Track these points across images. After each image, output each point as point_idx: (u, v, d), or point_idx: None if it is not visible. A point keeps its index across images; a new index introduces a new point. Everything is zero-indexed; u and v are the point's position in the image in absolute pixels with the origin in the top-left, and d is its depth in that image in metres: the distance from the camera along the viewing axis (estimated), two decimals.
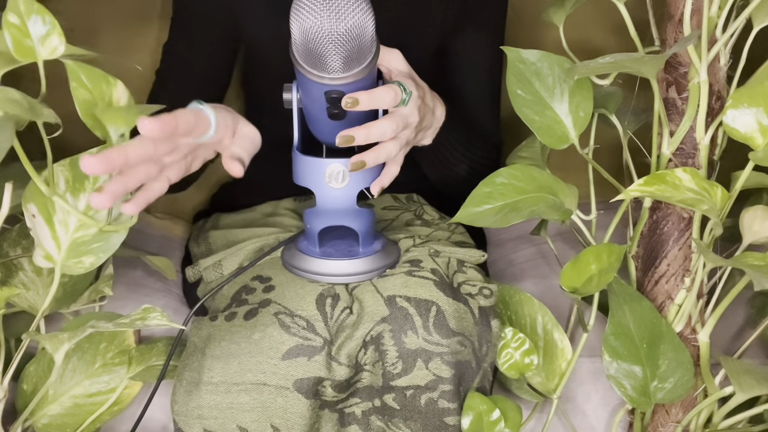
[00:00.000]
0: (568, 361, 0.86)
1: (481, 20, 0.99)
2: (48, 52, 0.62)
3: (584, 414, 0.91)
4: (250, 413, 0.77)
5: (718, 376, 0.84)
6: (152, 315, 0.67)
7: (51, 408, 0.82)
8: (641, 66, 0.73)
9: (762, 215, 0.80)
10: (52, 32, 0.61)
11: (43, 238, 0.70)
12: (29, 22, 0.60)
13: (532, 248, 1.13)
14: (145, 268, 1.02)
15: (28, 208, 0.70)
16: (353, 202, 0.80)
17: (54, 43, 0.61)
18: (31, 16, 0.60)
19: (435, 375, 0.78)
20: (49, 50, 0.62)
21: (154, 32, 1.03)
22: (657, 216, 0.84)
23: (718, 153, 0.83)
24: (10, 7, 0.59)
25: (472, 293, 0.83)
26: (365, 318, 0.78)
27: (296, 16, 0.68)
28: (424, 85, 0.82)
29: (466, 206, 0.81)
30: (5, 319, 0.80)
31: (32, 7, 0.60)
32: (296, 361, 0.76)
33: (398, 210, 1.04)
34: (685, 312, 0.84)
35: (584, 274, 0.79)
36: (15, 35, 0.60)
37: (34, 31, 0.61)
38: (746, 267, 0.71)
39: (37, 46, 0.61)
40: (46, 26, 0.61)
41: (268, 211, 1.04)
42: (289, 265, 0.85)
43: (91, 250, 0.70)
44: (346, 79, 0.71)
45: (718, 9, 0.76)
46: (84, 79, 0.61)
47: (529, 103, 0.81)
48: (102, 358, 0.84)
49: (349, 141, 0.73)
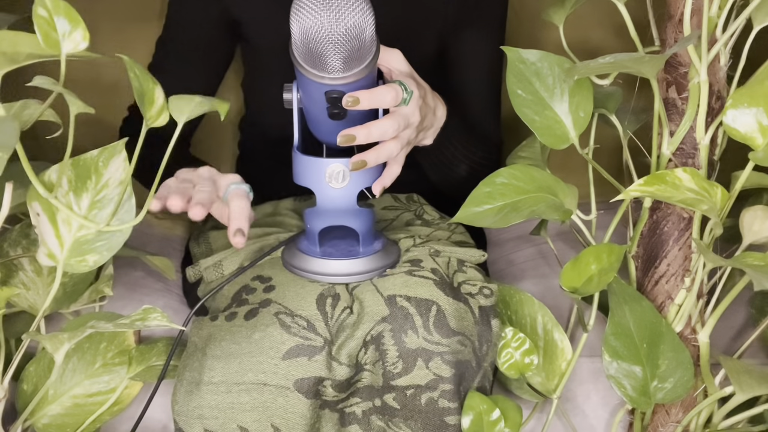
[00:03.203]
0: (568, 361, 0.86)
1: (481, 20, 0.99)
2: (72, 46, 0.65)
3: (584, 414, 0.91)
4: (251, 413, 0.77)
5: (718, 376, 0.84)
6: (152, 315, 0.67)
7: (51, 408, 0.82)
8: (641, 66, 0.73)
9: (762, 215, 0.80)
10: (75, 28, 0.65)
11: (46, 236, 0.70)
12: (56, 18, 0.64)
13: (532, 248, 1.13)
14: (145, 268, 1.02)
15: (32, 207, 0.70)
16: (353, 202, 0.80)
17: (77, 38, 0.65)
18: (59, 13, 0.64)
19: (435, 374, 0.78)
20: (72, 45, 0.65)
21: (153, 32, 1.04)
22: (657, 216, 0.84)
23: (718, 153, 0.83)
24: (39, 2, 0.63)
25: (472, 293, 0.83)
26: (365, 318, 0.78)
27: (296, 16, 0.68)
28: (425, 84, 0.82)
29: (466, 206, 0.81)
30: (5, 319, 0.80)
31: (59, 4, 0.64)
32: (297, 360, 0.76)
33: (398, 210, 1.04)
34: (685, 312, 0.84)
35: (584, 274, 0.79)
36: (43, 28, 0.63)
37: (60, 26, 0.64)
38: (746, 267, 0.71)
39: (61, 40, 0.65)
40: (71, 23, 0.64)
41: (268, 211, 1.04)
42: (289, 265, 0.85)
43: (95, 249, 0.71)
44: (346, 79, 0.71)
45: (718, 9, 0.76)
46: (137, 72, 0.66)
47: (529, 103, 0.81)
48: (102, 358, 0.84)
49: (350, 140, 0.73)
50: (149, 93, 0.66)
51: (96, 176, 0.71)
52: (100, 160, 0.71)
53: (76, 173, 0.71)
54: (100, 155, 0.71)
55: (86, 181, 0.71)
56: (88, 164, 0.71)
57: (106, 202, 0.71)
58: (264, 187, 1.07)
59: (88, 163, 0.71)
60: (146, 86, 0.66)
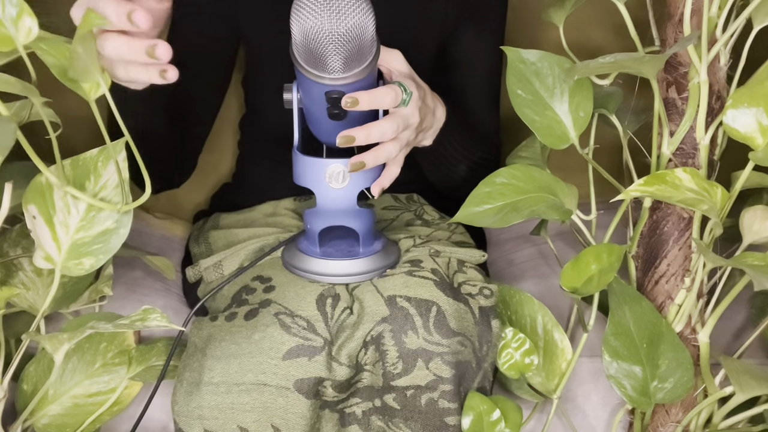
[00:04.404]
0: (568, 361, 0.86)
1: (481, 20, 0.99)
2: (24, 35, 0.58)
3: (584, 414, 0.91)
4: (251, 413, 0.77)
5: (718, 376, 0.84)
6: (152, 316, 0.67)
7: (51, 408, 0.82)
8: (641, 66, 0.73)
9: (762, 215, 0.80)
10: (22, 13, 0.57)
11: (43, 239, 0.70)
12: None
13: (532, 248, 1.13)
14: (144, 268, 1.02)
15: (28, 209, 0.70)
16: (353, 202, 0.80)
17: (27, 24, 0.58)
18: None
19: (435, 375, 0.78)
20: (24, 33, 0.58)
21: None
22: (657, 216, 0.84)
23: (718, 153, 0.83)
24: None
25: (472, 293, 0.83)
26: (365, 318, 0.78)
27: (296, 17, 0.68)
28: (425, 85, 0.82)
29: (466, 206, 0.81)
30: (5, 319, 0.80)
31: None
32: (297, 361, 0.76)
33: (398, 210, 1.04)
34: (685, 312, 0.84)
35: (584, 274, 0.79)
36: None
37: (4, 14, 0.57)
38: (746, 267, 0.71)
39: (11, 31, 0.57)
40: (15, 7, 0.57)
41: (268, 211, 1.04)
42: (289, 265, 0.85)
43: (92, 252, 0.70)
44: (346, 80, 0.71)
45: (718, 9, 0.76)
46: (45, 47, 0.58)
47: (529, 103, 0.81)
48: (102, 358, 0.84)
49: (350, 141, 0.73)
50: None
51: (95, 176, 0.71)
52: (99, 159, 0.71)
53: (75, 173, 0.70)
54: (99, 155, 0.71)
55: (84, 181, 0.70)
56: (87, 164, 0.71)
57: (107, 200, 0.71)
58: (264, 187, 1.07)
59: (87, 162, 0.71)
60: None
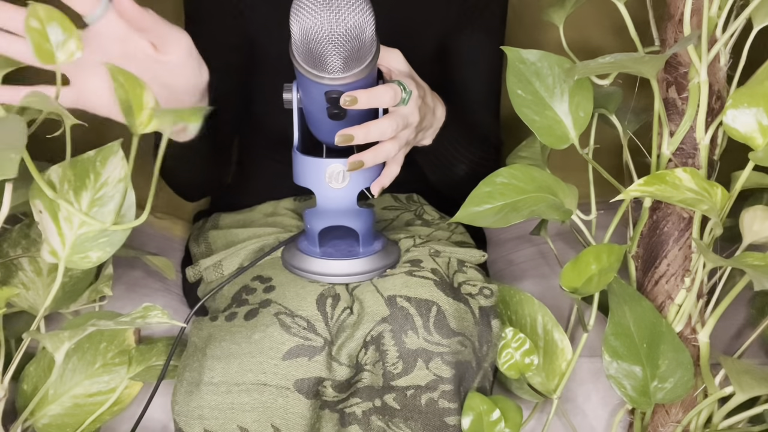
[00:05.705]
0: (568, 361, 0.86)
1: (481, 20, 0.99)
2: (65, 56, 0.63)
3: (584, 414, 0.91)
4: (251, 413, 0.77)
5: (718, 376, 0.84)
6: (153, 313, 0.67)
7: (51, 408, 0.82)
8: (641, 66, 0.73)
9: (762, 215, 0.80)
10: (69, 39, 0.63)
11: (49, 234, 0.71)
12: (49, 27, 0.62)
13: (532, 248, 1.13)
14: (144, 268, 1.02)
15: (35, 204, 0.71)
16: (353, 202, 0.80)
17: (71, 48, 0.63)
18: (51, 23, 0.62)
19: (435, 375, 0.78)
20: (66, 55, 0.63)
21: None
22: (657, 216, 0.84)
23: (718, 153, 0.83)
24: (31, 13, 0.61)
25: (472, 293, 0.83)
26: (366, 318, 0.78)
27: (296, 16, 0.68)
28: (425, 85, 0.82)
29: (466, 206, 0.81)
30: (5, 319, 0.80)
31: (52, 14, 0.62)
32: (297, 361, 0.76)
33: (398, 210, 1.04)
34: (685, 312, 0.84)
35: (584, 274, 0.79)
36: (35, 39, 0.62)
37: (53, 36, 0.63)
38: (746, 267, 0.71)
39: (56, 51, 0.63)
40: (65, 34, 0.63)
41: (268, 211, 1.04)
42: (289, 265, 0.85)
43: (98, 245, 0.72)
44: (346, 80, 0.71)
45: (718, 9, 0.76)
46: (122, 80, 0.63)
47: (529, 103, 0.81)
48: (102, 358, 0.84)
49: (349, 140, 0.73)
50: (137, 99, 0.64)
51: (94, 175, 0.72)
52: (98, 160, 0.72)
53: (75, 173, 0.71)
54: (97, 156, 0.73)
55: (85, 179, 0.71)
56: (86, 165, 0.72)
57: (106, 199, 0.71)
58: (264, 187, 1.07)
59: (85, 163, 0.72)
60: (133, 93, 0.64)
